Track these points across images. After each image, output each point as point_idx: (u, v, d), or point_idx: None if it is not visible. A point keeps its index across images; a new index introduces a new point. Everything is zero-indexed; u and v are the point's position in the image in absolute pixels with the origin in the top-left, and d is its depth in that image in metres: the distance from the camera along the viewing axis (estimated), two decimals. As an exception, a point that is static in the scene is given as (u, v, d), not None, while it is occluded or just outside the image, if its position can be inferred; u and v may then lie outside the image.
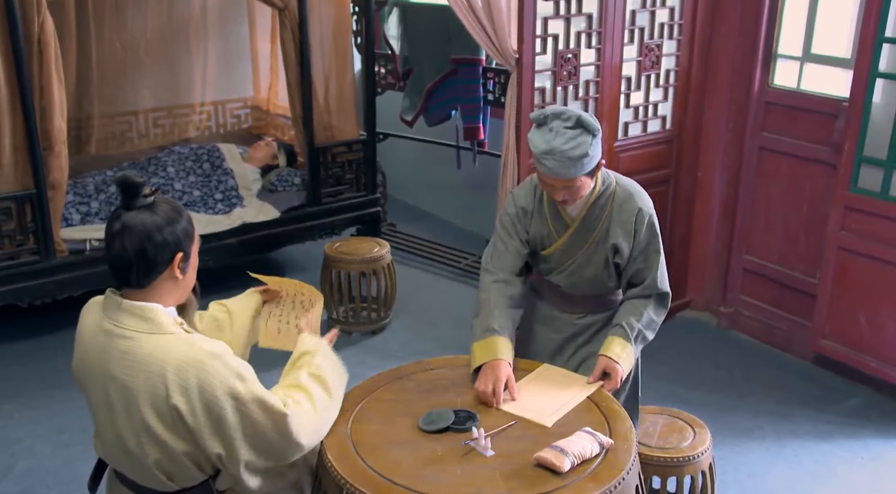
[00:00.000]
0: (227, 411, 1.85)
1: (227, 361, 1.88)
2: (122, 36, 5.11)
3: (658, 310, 2.61)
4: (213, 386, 1.84)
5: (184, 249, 1.93)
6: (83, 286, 4.16)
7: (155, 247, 1.88)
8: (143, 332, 1.88)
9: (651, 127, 4.21)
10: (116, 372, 1.87)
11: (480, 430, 2.11)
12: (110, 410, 1.91)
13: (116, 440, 1.93)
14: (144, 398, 1.84)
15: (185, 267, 1.96)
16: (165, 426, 1.86)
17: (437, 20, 4.91)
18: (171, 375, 1.82)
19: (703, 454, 2.67)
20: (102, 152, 5.19)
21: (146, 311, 1.89)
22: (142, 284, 1.91)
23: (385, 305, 4.44)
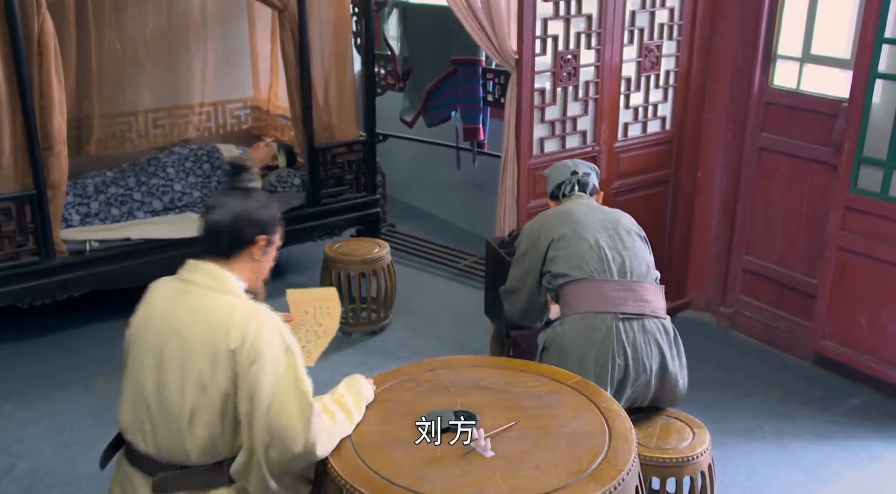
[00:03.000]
0: (268, 371, 1.96)
1: (284, 333, 2.03)
2: (121, 36, 5.11)
3: None
4: (266, 344, 1.97)
5: (268, 233, 2.15)
6: (83, 286, 4.16)
7: (245, 222, 2.10)
8: (213, 290, 2.06)
9: (651, 127, 4.21)
10: (181, 324, 2.02)
11: (480, 431, 2.11)
12: (159, 365, 2.03)
13: (156, 395, 2.04)
14: (202, 347, 1.98)
15: (265, 251, 2.16)
16: (214, 375, 1.98)
17: (436, 21, 4.92)
18: (234, 326, 1.98)
19: (702, 454, 2.67)
20: (102, 152, 5.19)
21: (219, 273, 2.09)
22: (225, 255, 2.11)
23: (385, 306, 4.44)
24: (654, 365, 2.71)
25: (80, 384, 3.89)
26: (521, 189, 3.77)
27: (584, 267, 2.76)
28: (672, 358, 2.75)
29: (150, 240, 4.29)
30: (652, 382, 2.74)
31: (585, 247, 2.79)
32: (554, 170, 3.18)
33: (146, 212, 4.49)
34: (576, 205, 2.97)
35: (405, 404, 2.30)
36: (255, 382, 1.96)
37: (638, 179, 4.22)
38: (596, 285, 2.74)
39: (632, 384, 2.70)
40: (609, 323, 2.67)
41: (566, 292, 2.78)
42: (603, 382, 2.64)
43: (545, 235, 2.88)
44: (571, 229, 2.84)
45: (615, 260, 2.78)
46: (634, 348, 2.68)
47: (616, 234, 2.85)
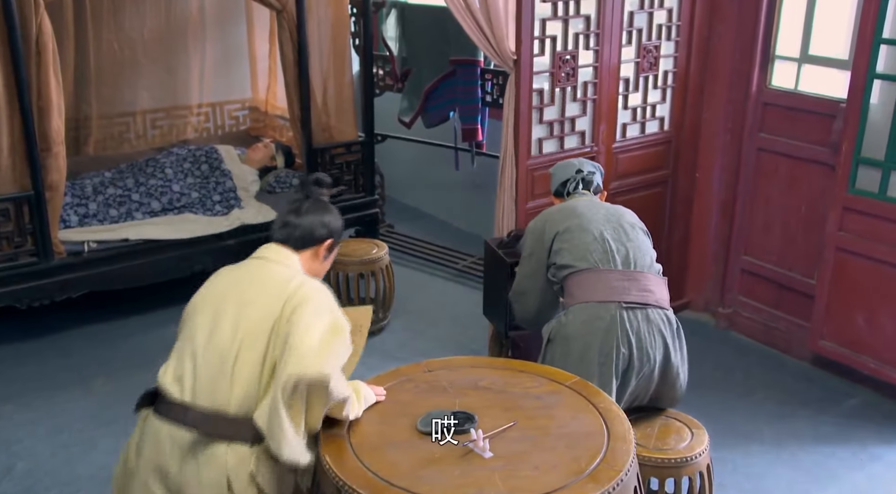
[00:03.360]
0: (307, 314, 2.12)
1: (334, 306, 2.22)
2: (119, 37, 5.11)
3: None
4: (313, 299, 2.17)
5: (335, 239, 2.44)
6: (81, 287, 4.16)
7: (321, 225, 2.40)
8: (282, 264, 2.31)
9: (649, 128, 4.21)
10: (242, 282, 2.28)
11: (479, 432, 2.11)
12: (215, 319, 2.20)
13: (205, 344, 2.18)
14: (258, 298, 2.19)
15: (326, 256, 2.44)
16: (262, 322, 2.14)
17: (435, 21, 4.92)
18: (290, 283, 2.20)
19: (700, 455, 2.67)
20: (100, 153, 5.19)
21: (289, 254, 2.35)
22: (295, 246, 2.36)
23: (384, 306, 4.44)
24: (657, 356, 2.72)
25: (79, 385, 3.89)
26: (520, 189, 3.77)
27: (588, 257, 2.78)
28: (675, 350, 2.76)
29: (149, 240, 4.29)
30: (655, 374, 2.74)
31: (590, 238, 2.81)
32: (559, 167, 3.21)
33: (144, 213, 4.49)
34: (578, 201, 3.00)
35: (404, 405, 2.30)
36: (293, 322, 2.11)
37: (636, 180, 4.22)
38: (600, 275, 2.75)
39: (636, 374, 2.71)
40: (613, 312, 2.68)
41: (570, 283, 2.80)
42: (607, 372, 2.66)
43: (549, 230, 2.91)
44: (575, 222, 2.86)
45: (619, 251, 2.80)
46: (638, 337, 2.69)
47: (620, 227, 2.88)
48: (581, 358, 2.67)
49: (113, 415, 3.65)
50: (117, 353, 4.16)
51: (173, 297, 2.33)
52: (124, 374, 3.94)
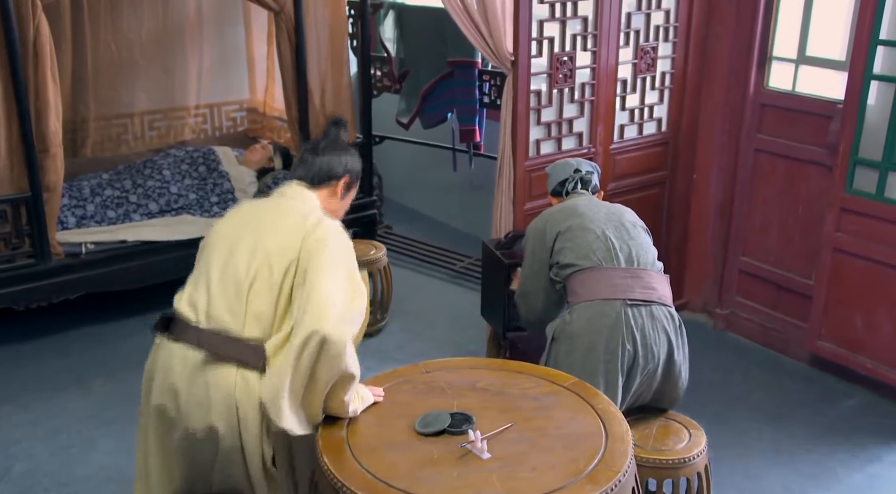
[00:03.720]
0: (326, 258, 2.18)
1: (351, 248, 2.29)
2: (117, 38, 5.11)
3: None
4: (334, 240, 2.24)
5: (352, 178, 2.53)
6: (79, 289, 4.16)
7: (338, 163, 2.48)
8: (301, 201, 2.39)
9: (647, 129, 4.22)
10: (263, 213, 2.35)
11: (477, 433, 2.11)
12: (232, 246, 2.26)
13: (221, 269, 2.24)
14: (278, 227, 2.26)
15: (343, 194, 2.52)
16: (280, 251, 2.21)
17: (432, 23, 4.92)
18: (311, 218, 2.28)
19: (698, 456, 2.67)
20: (98, 155, 5.19)
21: (306, 191, 2.44)
22: (312, 183, 2.45)
23: (381, 307, 4.44)
24: (661, 353, 2.73)
25: (76, 386, 3.89)
26: (518, 190, 3.78)
27: (591, 256, 2.78)
28: (678, 347, 2.77)
29: (147, 242, 4.29)
30: (658, 372, 2.75)
31: (592, 237, 2.81)
32: (556, 167, 3.21)
33: (142, 215, 4.49)
34: (578, 201, 3.00)
35: (401, 406, 2.30)
36: (312, 265, 2.17)
37: (634, 181, 4.22)
38: (603, 273, 2.75)
39: (641, 371, 2.71)
40: (618, 310, 2.68)
41: (574, 282, 2.80)
42: (613, 370, 2.66)
43: (551, 230, 2.91)
44: (577, 222, 2.87)
45: (622, 249, 2.81)
46: (643, 334, 2.69)
47: (621, 226, 2.88)
48: (586, 355, 2.68)
49: (112, 416, 3.65)
50: (115, 354, 4.16)
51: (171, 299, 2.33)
52: (123, 375, 3.94)
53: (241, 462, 2.23)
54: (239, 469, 2.25)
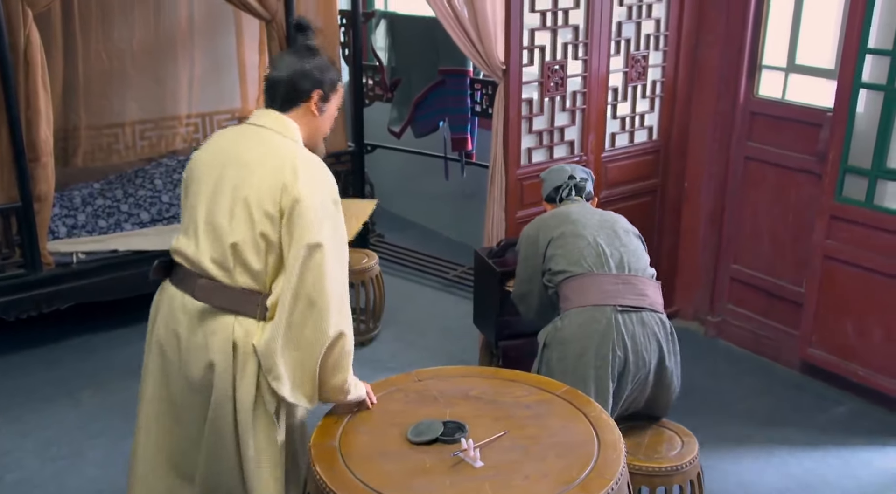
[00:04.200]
0: (310, 216, 2.08)
1: (334, 189, 2.18)
2: (108, 47, 5.09)
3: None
4: (316, 190, 2.11)
5: (324, 89, 2.25)
6: (70, 299, 4.14)
7: (301, 77, 2.22)
8: (278, 132, 2.20)
9: (638, 137, 4.23)
10: (243, 151, 2.18)
11: (469, 441, 2.11)
12: (214, 192, 2.16)
13: (206, 215, 2.16)
14: (258, 174, 2.11)
15: (322, 108, 2.27)
16: (260, 202, 2.09)
17: (424, 32, 4.93)
18: (291, 165, 2.11)
19: (690, 463, 2.68)
20: (89, 164, 5.16)
21: (285, 120, 2.23)
22: (284, 108, 2.23)
23: (374, 316, 4.43)
24: (652, 360, 2.73)
25: (66, 397, 3.87)
26: (510, 199, 3.78)
27: (582, 262, 2.80)
28: (669, 354, 2.78)
29: (138, 251, 4.28)
30: (650, 378, 2.75)
31: (583, 243, 2.84)
32: (551, 172, 3.22)
33: (134, 224, 4.48)
34: (571, 207, 3.02)
35: (394, 415, 2.29)
36: (296, 222, 2.08)
37: (625, 189, 4.23)
38: (594, 279, 2.77)
39: (632, 378, 2.72)
40: (609, 316, 2.69)
41: (565, 288, 2.81)
42: (604, 375, 2.67)
43: (543, 236, 2.93)
44: (569, 228, 2.89)
45: (613, 256, 2.83)
46: (634, 340, 2.70)
47: (614, 232, 2.91)
48: (577, 361, 2.68)
49: (101, 427, 3.63)
50: (106, 365, 4.14)
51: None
52: (113, 386, 3.92)
53: (232, 428, 2.19)
54: (229, 443, 2.20)
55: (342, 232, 2.19)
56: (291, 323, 2.10)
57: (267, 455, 2.21)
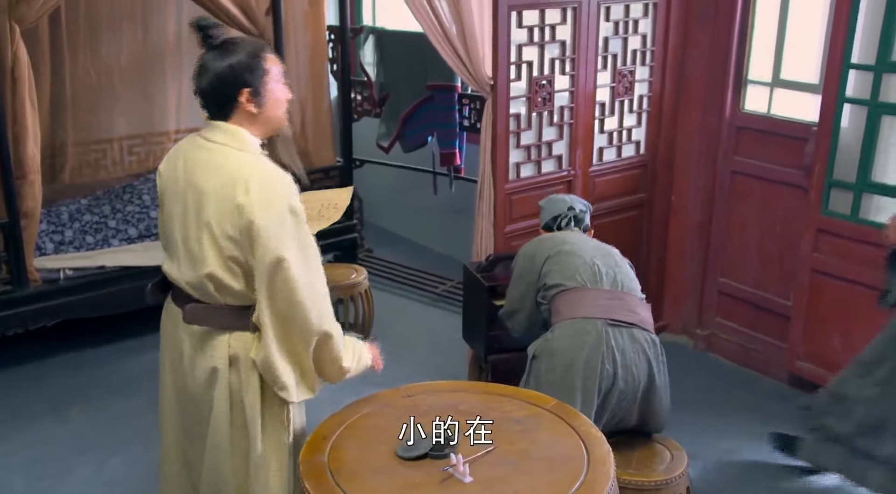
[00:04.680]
0: (271, 229, 2.04)
1: (291, 196, 2.09)
2: (96, 63, 5.09)
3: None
4: (269, 204, 2.05)
5: (250, 84, 2.11)
6: (57, 315, 4.12)
7: (221, 83, 2.10)
8: (229, 146, 2.12)
9: (625, 152, 4.25)
10: (197, 177, 2.11)
11: (459, 456, 2.11)
12: (184, 215, 2.14)
13: (182, 239, 2.16)
14: (214, 198, 2.07)
15: (259, 102, 2.14)
16: (221, 225, 2.07)
17: (412, 47, 4.95)
18: (241, 182, 2.05)
19: (680, 477, 2.67)
20: (77, 180, 5.14)
21: (236, 131, 2.14)
22: (222, 117, 2.15)
23: (363, 331, 4.41)
24: (642, 377, 2.74)
25: (53, 414, 3.84)
26: (498, 213, 3.79)
27: (577, 277, 2.84)
28: (659, 372, 2.79)
29: (126, 267, 4.26)
30: (638, 396, 2.76)
31: (580, 261, 2.88)
32: (550, 202, 3.28)
33: (121, 240, 4.46)
34: (568, 234, 3.08)
35: (383, 430, 2.29)
36: (256, 242, 2.05)
37: (613, 203, 4.25)
38: (587, 293, 2.80)
39: (618, 396, 2.72)
40: (599, 329, 2.71)
41: (558, 301, 2.84)
42: (591, 387, 2.67)
43: (540, 253, 2.97)
44: (567, 248, 2.95)
45: (608, 274, 2.86)
46: (623, 355, 2.71)
47: (609, 256, 2.97)
48: (566, 371, 2.69)
49: (88, 444, 3.60)
50: (93, 381, 4.11)
51: (150, 324, 2.31)
52: (100, 403, 3.90)
53: (229, 437, 2.24)
54: (227, 453, 2.25)
55: (306, 237, 2.14)
56: (279, 338, 2.14)
57: (276, 457, 2.27)
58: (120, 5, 5.05)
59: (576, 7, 3.80)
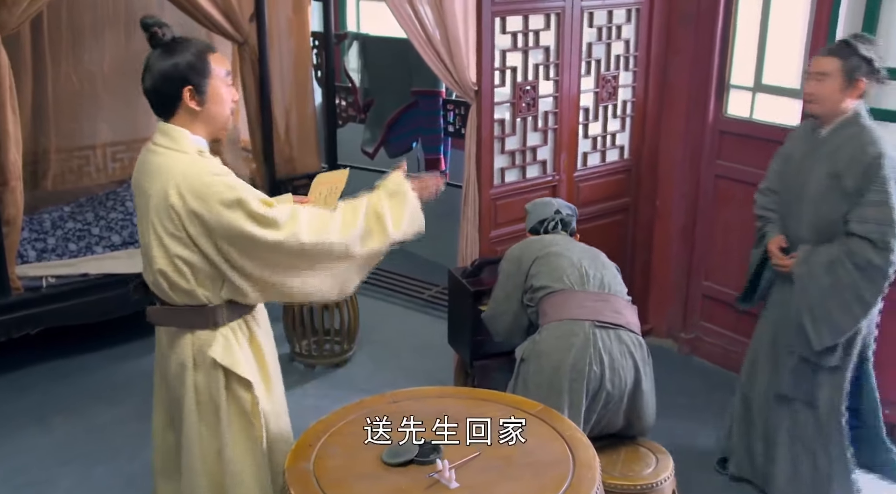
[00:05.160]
0: (212, 215, 2.09)
1: (227, 180, 2.13)
2: (78, 69, 5.06)
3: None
4: (205, 194, 2.09)
5: (192, 82, 2.15)
6: (40, 323, 4.08)
7: (162, 81, 2.14)
8: (166, 148, 2.18)
9: (609, 156, 4.27)
10: (144, 181, 2.19)
11: (444, 462, 2.10)
12: (140, 218, 2.24)
13: (144, 248, 2.24)
14: (154, 202, 2.13)
15: (201, 100, 2.18)
16: (166, 227, 2.13)
17: (396, 53, 4.96)
18: (173, 181, 2.11)
19: (665, 480, 2.69)
20: (59, 187, 5.11)
21: (171, 130, 2.20)
22: (165, 116, 2.21)
23: (348, 337, 4.41)
24: (629, 378, 2.76)
25: (36, 424, 3.81)
26: (483, 219, 3.80)
27: (564, 279, 2.85)
28: (645, 375, 2.81)
29: (110, 275, 4.23)
30: (625, 398, 2.77)
31: (567, 263, 2.90)
32: (537, 205, 3.30)
33: (105, 247, 4.43)
34: (556, 237, 3.10)
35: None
36: (206, 229, 2.12)
37: (598, 208, 4.27)
38: (574, 295, 2.82)
39: (605, 398, 2.73)
40: (586, 330, 2.73)
41: (545, 303, 2.86)
42: (578, 388, 2.68)
43: (528, 256, 2.99)
44: (554, 250, 2.97)
45: (595, 276, 2.89)
46: (611, 357, 2.73)
47: (596, 258, 2.99)
48: (554, 373, 2.71)
49: (73, 454, 3.58)
50: (77, 390, 4.08)
51: (134, 331, 2.32)
52: (85, 411, 3.87)
53: (197, 433, 2.30)
54: (198, 449, 2.31)
55: (251, 212, 2.13)
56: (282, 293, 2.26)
57: (250, 459, 2.30)
58: (102, 12, 5.03)
59: (559, 13, 3.82)
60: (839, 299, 2.92)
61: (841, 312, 2.93)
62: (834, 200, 2.94)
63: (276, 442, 2.38)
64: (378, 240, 2.37)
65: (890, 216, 2.82)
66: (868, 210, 2.84)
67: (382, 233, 2.37)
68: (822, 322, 2.96)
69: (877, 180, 2.83)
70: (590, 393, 2.70)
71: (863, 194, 2.86)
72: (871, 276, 2.87)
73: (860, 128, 2.93)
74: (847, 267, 2.89)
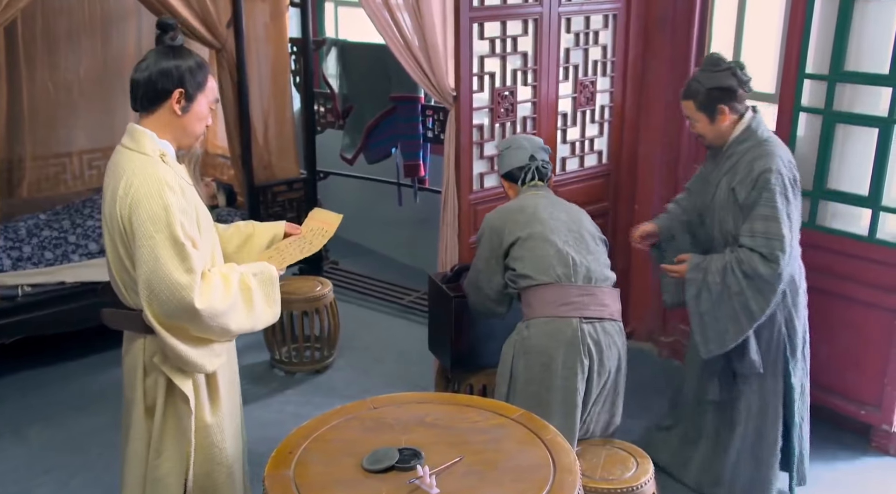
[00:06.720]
0: (143, 243, 2.09)
1: (168, 196, 2.11)
2: (54, 76, 5.03)
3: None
4: (141, 203, 2.09)
5: (186, 87, 2.20)
6: (15, 333, 4.04)
7: (161, 76, 2.18)
8: (128, 148, 2.19)
9: (588, 161, 4.29)
10: (105, 181, 2.21)
11: (425, 468, 2.10)
12: (103, 220, 2.23)
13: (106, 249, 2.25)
14: (108, 201, 2.16)
15: (186, 107, 2.22)
16: (112, 229, 2.15)
17: (375, 59, 4.96)
18: (122, 184, 2.12)
19: (646, 483, 2.70)
20: (35, 195, 5.07)
21: (136, 131, 2.21)
22: (145, 108, 2.21)
23: (329, 344, 4.40)
24: (612, 366, 2.85)
25: (13, 434, 3.76)
26: (463, 224, 3.80)
27: (550, 271, 2.84)
28: (624, 359, 2.92)
29: (86, 283, 4.19)
30: (609, 386, 2.87)
31: (552, 251, 2.87)
32: (510, 149, 3.18)
33: (82, 255, 4.40)
34: (539, 201, 3.01)
35: (350, 443, 2.28)
36: (132, 237, 2.12)
37: (577, 212, 4.27)
38: (560, 290, 2.83)
39: (596, 386, 2.82)
40: (574, 326, 2.78)
41: (530, 295, 2.87)
42: (570, 385, 2.74)
43: (509, 233, 2.93)
44: (538, 230, 2.90)
45: (581, 265, 2.88)
46: (598, 348, 2.80)
47: (581, 238, 2.95)
48: (543, 370, 2.76)
49: (50, 464, 3.54)
50: (53, 400, 4.04)
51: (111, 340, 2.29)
52: (61, 421, 3.83)
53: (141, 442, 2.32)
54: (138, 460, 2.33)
55: (174, 232, 2.12)
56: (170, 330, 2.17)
57: (177, 468, 2.31)
58: (78, 19, 5.00)
59: (537, 18, 3.83)
60: (728, 307, 2.99)
61: (728, 321, 3.00)
62: (734, 213, 3.03)
63: (213, 456, 2.36)
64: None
65: (778, 230, 2.91)
66: (757, 223, 2.93)
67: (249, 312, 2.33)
68: (710, 329, 3.03)
69: (765, 194, 2.92)
70: (580, 388, 2.75)
71: (753, 208, 2.94)
72: (759, 287, 2.94)
73: (755, 141, 3.04)
74: (737, 274, 2.96)
